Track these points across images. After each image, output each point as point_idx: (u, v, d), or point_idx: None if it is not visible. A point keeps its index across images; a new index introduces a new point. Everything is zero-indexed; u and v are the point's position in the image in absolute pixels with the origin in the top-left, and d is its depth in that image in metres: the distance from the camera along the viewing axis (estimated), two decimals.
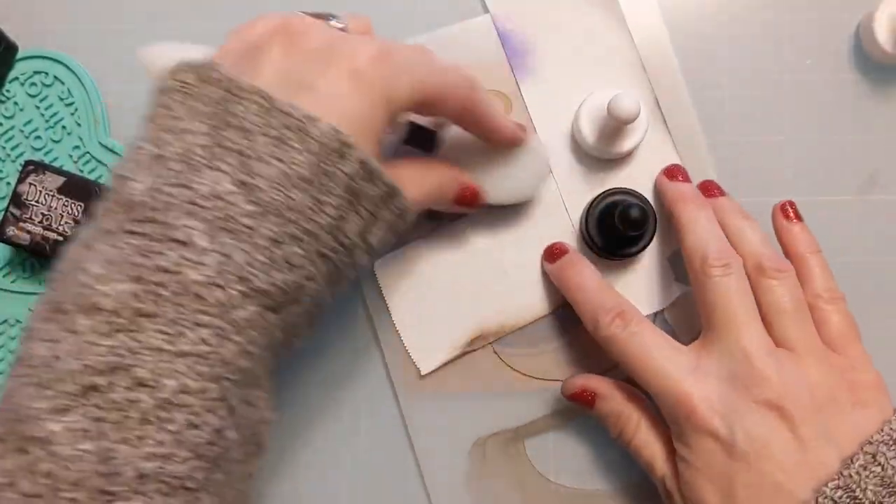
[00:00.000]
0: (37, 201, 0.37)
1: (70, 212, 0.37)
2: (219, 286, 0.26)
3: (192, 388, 0.26)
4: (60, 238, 0.37)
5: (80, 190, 0.37)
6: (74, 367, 0.25)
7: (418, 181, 0.34)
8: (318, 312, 0.32)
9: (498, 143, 0.37)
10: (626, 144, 0.39)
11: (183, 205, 0.27)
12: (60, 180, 0.37)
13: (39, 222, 0.37)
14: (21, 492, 0.24)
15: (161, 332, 0.26)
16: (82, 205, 0.37)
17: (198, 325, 0.26)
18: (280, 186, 0.28)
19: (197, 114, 0.28)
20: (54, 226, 0.37)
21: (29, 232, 0.37)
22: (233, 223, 0.27)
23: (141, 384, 0.25)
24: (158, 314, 0.26)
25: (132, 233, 0.27)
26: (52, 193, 0.37)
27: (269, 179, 0.27)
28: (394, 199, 0.31)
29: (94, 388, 0.25)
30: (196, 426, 0.26)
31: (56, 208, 0.37)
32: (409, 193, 0.32)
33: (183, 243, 0.26)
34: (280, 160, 0.28)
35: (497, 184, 0.38)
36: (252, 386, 0.29)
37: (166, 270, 0.26)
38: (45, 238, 0.37)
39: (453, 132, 0.38)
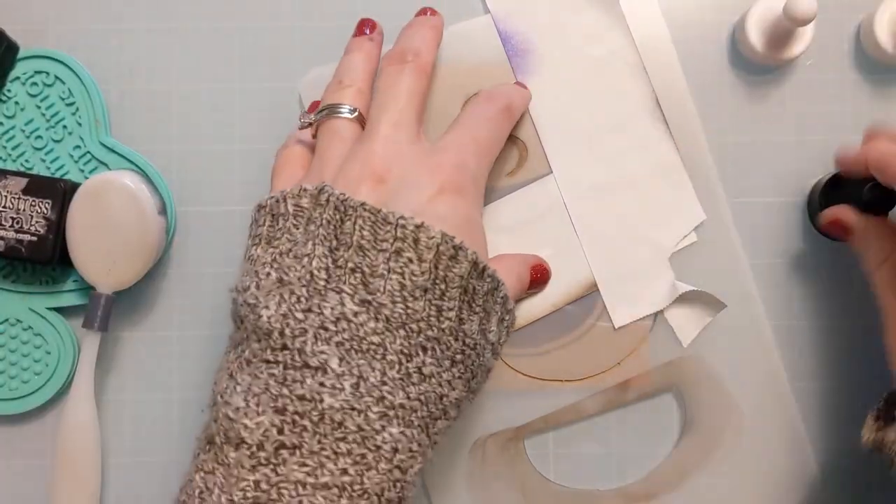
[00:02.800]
0: (4, 206, 0.37)
1: (39, 210, 0.37)
2: (357, 409, 0.27)
3: None
4: (34, 238, 0.37)
5: (45, 188, 0.37)
6: (221, 502, 0.26)
7: (507, 275, 0.34)
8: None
9: None
10: (795, 49, 0.39)
11: (312, 330, 0.28)
12: (23, 182, 0.37)
13: (10, 226, 0.37)
14: None
15: (302, 464, 0.26)
16: (49, 202, 0.37)
17: (338, 453, 0.27)
18: (401, 299, 0.28)
19: (312, 236, 0.29)
20: (26, 227, 0.37)
21: (2, 238, 0.37)
22: (362, 343, 0.28)
23: None
24: (299, 445, 0.27)
25: (268, 362, 0.28)
26: (17, 196, 0.37)
27: (390, 293, 0.28)
28: (498, 291, 0.32)
29: None
30: None
31: (24, 210, 0.37)
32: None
33: (318, 369, 0.27)
34: (398, 273, 0.28)
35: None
36: None
37: (304, 398, 0.27)
38: (19, 241, 0.37)
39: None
